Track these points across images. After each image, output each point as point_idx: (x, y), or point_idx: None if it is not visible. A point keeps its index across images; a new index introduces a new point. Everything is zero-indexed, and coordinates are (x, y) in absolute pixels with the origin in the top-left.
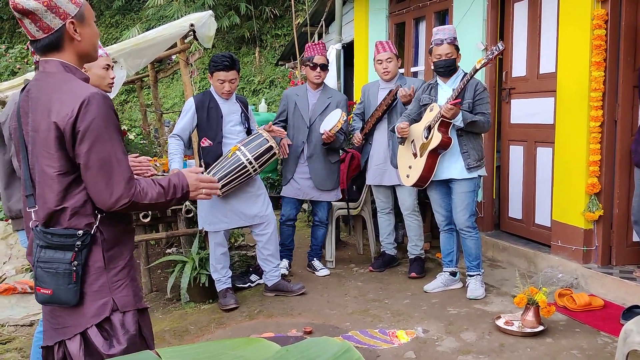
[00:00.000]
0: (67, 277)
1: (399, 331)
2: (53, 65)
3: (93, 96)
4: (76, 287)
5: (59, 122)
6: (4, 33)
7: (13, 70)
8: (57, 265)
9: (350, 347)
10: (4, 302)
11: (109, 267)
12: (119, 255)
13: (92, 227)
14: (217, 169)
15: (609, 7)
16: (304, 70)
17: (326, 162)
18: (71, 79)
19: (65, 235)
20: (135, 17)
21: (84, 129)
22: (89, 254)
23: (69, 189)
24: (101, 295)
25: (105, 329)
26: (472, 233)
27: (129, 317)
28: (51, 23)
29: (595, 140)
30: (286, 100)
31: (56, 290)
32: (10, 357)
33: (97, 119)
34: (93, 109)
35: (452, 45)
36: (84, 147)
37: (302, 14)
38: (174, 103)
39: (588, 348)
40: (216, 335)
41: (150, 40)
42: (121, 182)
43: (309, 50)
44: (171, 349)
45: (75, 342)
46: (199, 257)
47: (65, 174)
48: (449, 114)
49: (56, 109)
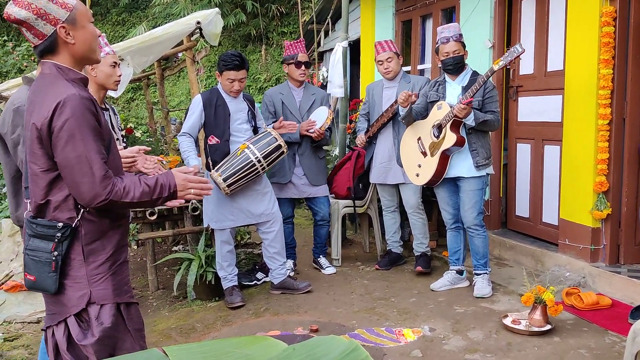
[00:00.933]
0: (47, 265)
1: (406, 329)
2: (47, 66)
3: (69, 97)
4: (55, 276)
5: (36, 122)
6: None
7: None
8: (41, 254)
9: (358, 346)
10: (11, 299)
11: (88, 260)
12: (100, 249)
13: (73, 221)
14: (225, 167)
15: (618, 4)
16: (286, 68)
17: (316, 158)
18: (58, 80)
19: (47, 226)
20: (142, 14)
21: (57, 129)
22: (69, 246)
23: (52, 185)
24: (80, 287)
25: (84, 320)
26: (480, 231)
27: (106, 311)
28: (43, 30)
29: (603, 138)
30: (271, 100)
31: (39, 277)
32: (18, 354)
33: (71, 120)
34: (67, 110)
35: (458, 42)
36: (58, 146)
37: (309, 11)
38: (180, 101)
39: (596, 347)
40: (222, 333)
41: (157, 38)
42: (94, 181)
43: (291, 48)
44: (178, 346)
45: (60, 329)
46: (205, 255)
47: (48, 171)
48: (461, 113)
49: (37, 110)
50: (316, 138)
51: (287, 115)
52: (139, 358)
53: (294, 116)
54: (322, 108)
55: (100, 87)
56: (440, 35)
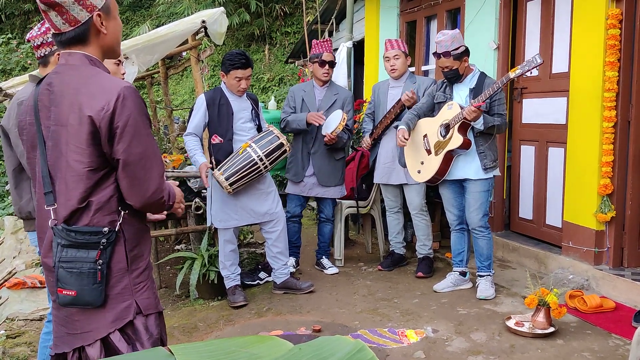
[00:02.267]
0: (91, 276)
1: (409, 330)
2: (77, 57)
3: (127, 90)
4: (101, 287)
5: (94, 116)
6: (15, 29)
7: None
8: (81, 264)
9: (364, 347)
10: (14, 297)
11: (131, 268)
12: (140, 255)
13: (115, 225)
14: (228, 166)
15: (624, 6)
16: (311, 67)
17: (330, 159)
18: (98, 72)
19: (90, 233)
20: (146, 13)
21: (122, 125)
22: (112, 254)
23: (96, 185)
24: (124, 297)
25: (126, 334)
26: (485, 233)
27: (152, 320)
28: (78, 15)
29: (608, 140)
30: (293, 96)
31: (80, 291)
32: (20, 351)
33: (134, 114)
34: (129, 103)
35: (450, 58)
36: (124, 143)
37: (313, 11)
38: (184, 100)
39: (599, 350)
40: (225, 333)
41: (161, 37)
42: (157, 176)
43: (317, 47)
44: (183, 345)
45: (95, 348)
46: (208, 254)
47: (96, 170)
48: (471, 116)
49: (88, 103)
50: (327, 142)
51: (305, 112)
52: (145, 357)
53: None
54: (337, 112)
55: None
56: (435, 49)
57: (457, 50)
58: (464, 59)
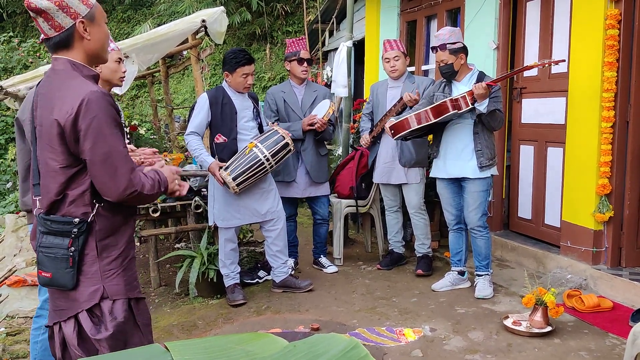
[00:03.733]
0: (64, 261)
1: (406, 329)
2: (61, 62)
3: (92, 94)
4: (73, 271)
5: (59, 119)
6: (16, 27)
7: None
8: (57, 250)
9: (358, 344)
10: (14, 294)
11: (101, 255)
12: (113, 245)
13: (88, 216)
14: (234, 166)
15: (623, 7)
16: (288, 66)
17: (318, 155)
18: (75, 76)
19: (63, 222)
20: (147, 12)
21: (85, 127)
22: (84, 242)
23: (70, 180)
24: (93, 282)
25: (95, 315)
26: (483, 232)
27: (119, 305)
28: (62, 22)
29: (606, 141)
30: (273, 98)
31: (55, 273)
32: (20, 349)
33: (98, 117)
34: (92, 107)
35: (445, 51)
36: (87, 144)
37: (314, 10)
38: (185, 99)
39: (596, 349)
40: (224, 331)
41: (162, 36)
42: (125, 173)
43: (293, 45)
44: (180, 342)
45: (69, 325)
46: (207, 252)
47: (68, 167)
48: (479, 90)
49: (58, 107)
50: (319, 129)
51: (290, 113)
52: (141, 353)
53: (296, 114)
54: (324, 101)
55: (106, 82)
56: (432, 43)
57: (453, 45)
58: (460, 55)
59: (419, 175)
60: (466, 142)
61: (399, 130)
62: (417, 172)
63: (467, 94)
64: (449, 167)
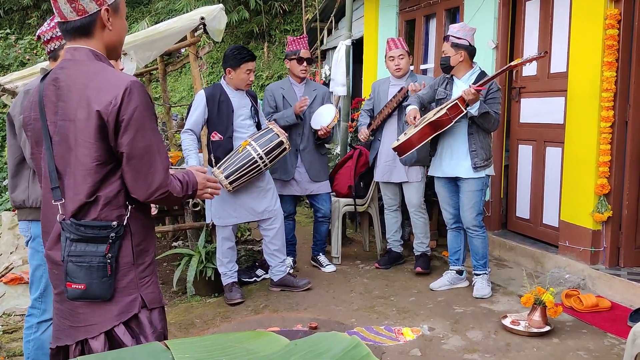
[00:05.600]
0: (101, 270)
1: (405, 328)
2: (82, 52)
3: (134, 84)
4: (111, 281)
5: (101, 110)
6: (13, 24)
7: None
8: (91, 258)
9: (360, 343)
10: (11, 292)
11: (137, 262)
12: (145, 250)
13: (123, 219)
14: (227, 164)
15: (622, 6)
16: (288, 64)
17: (318, 154)
18: (104, 67)
19: (99, 227)
20: (145, 10)
21: (128, 118)
22: (120, 248)
23: (105, 179)
24: (129, 291)
25: (131, 327)
26: (480, 232)
27: (156, 315)
28: (87, 6)
29: (605, 140)
30: (272, 95)
31: (89, 284)
32: (17, 347)
33: (140, 108)
34: (135, 97)
35: (448, 43)
36: (128, 136)
37: (312, 9)
38: (182, 97)
39: (595, 349)
40: (221, 329)
41: (160, 33)
42: (162, 171)
43: (294, 44)
44: (180, 340)
45: (99, 341)
46: (205, 251)
47: (103, 164)
48: (468, 96)
49: (96, 98)
50: (323, 136)
51: (287, 109)
52: (142, 352)
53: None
54: (327, 106)
55: None
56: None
57: (457, 40)
58: (460, 52)
59: (419, 174)
60: (461, 143)
61: (404, 151)
62: (418, 171)
63: (458, 101)
64: (444, 167)
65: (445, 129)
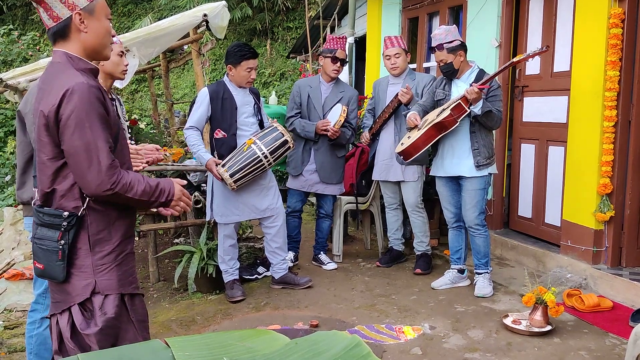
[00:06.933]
0: (54, 254)
1: (406, 327)
2: (58, 55)
3: (77, 85)
4: (63, 264)
5: (44, 110)
6: (16, 20)
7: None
8: (48, 242)
9: (360, 342)
10: (12, 288)
11: (94, 249)
12: (106, 239)
13: (79, 210)
14: (232, 162)
15: (627, 5)
16: (322, 61)
17: (332, 156)
18: (67, 69)
19: (53, 215)
20: (147, 6)
21: (65, 117)
22: (76, 236)
23: (58, 173)
24: (85, 276)
25: (87, 309)
26: (482, 231)
27: (110, 301)
28: (59, 12)
29: (608, 140)
30: (299, 91)
31: (46, 265)
32: (18, 342)
33: (79, 107)
34: (74, 97)
35: (443, 51)
36: (66, 134)
37: (315, 6)
38: (185, 93)
39: (596, 349)
40: (223, 326)
41: (163, 30)
42: (100, 170)
43: (332, 42)
44: (180, 338)
45: (64, 318)
46: (206, 248)
47: (54, 159)
48: (471, 96)
49: (45, 98)
50: (331, 136)
51: (311, 109)
52: (141, 348)
53: (316, 111)
54: (337, 106)
55: (108, 76)
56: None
57: (450, 44)
58: (458, 53)
59: (416, 173)
60: (463, 141)
61: (410, 155)
62: (415, 170)
63: (461, 100)
64: (446, 166)
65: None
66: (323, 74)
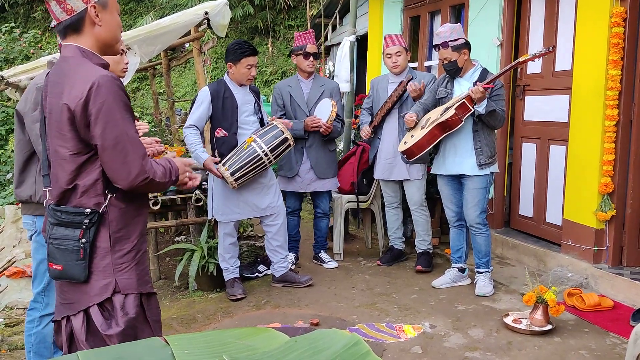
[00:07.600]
0: (75, 253)
1: (406, 326)
2: (70, 49)
3: (102, 78)
4: (84, 263)
5: (69, 103)
6: (18, 18)
7: (27, 55)
8: (67, 242)
9: (360, 340)
10: (13, 285)
11: (114, 248)
12: (126, 237)
13: (100, 207)
14: (232, 161)
15: (629, 5)
16: (295, 59)
17: (325, 151)
18: (85, 63)
19: (73, 213)
20: (149, 4)
21: (96, 112)
22: (96, 234)
23: (81, 169)
24: (105, 275)
25: (106, 309)
26: (483, 230)
27: (130, 300)
28: (74, 5)
29: (609, 139)
30: (280, 93)
31: (66, 265)
32: (18, 340)
33: (108, 101)
34: (103, 91)
35: (448, 49)
36: (98, 129)
37: (316, 5)
38: (186, 92)
39: (596, 348)
40: (223, 325)
41: (164, 28)
42: (137, 159)
43: (300, 39)
44: (180, 336)
45: (78, 319)
46: (207, 246)
47: (78, 154)
48: (476, 95)
49: (67, 92)
50: (324, 132)
51: (295, 107)
52: (140, 346)
53: (301, 109)
54: (325, 101)
55: None
56: (434, 41)
57: (455, 42)
58: (463, 52)
59: (420, 172)
60: (466, 140)
61: (413, 154)
62: (419, 168)
63: (465, 100)
64: (448, 164)
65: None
66: (299, 71)
